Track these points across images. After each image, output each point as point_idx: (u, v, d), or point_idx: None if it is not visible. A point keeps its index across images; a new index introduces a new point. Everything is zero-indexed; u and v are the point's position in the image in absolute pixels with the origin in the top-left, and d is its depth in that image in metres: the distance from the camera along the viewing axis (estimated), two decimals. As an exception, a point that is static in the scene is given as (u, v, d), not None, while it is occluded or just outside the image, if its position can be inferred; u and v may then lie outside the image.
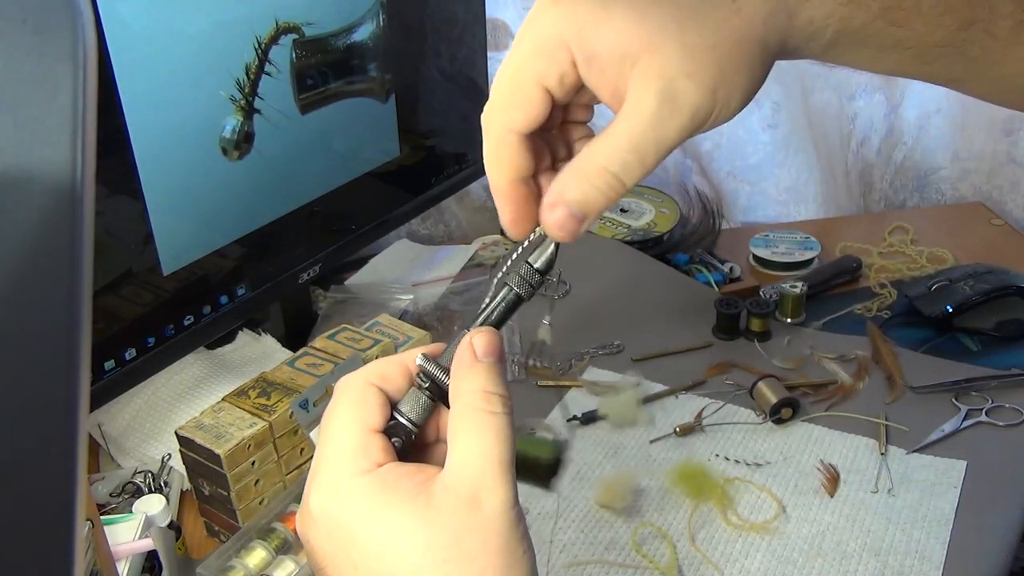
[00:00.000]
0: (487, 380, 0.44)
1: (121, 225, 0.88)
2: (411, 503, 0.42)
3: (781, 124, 1.38)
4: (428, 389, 0.46)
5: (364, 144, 1.13)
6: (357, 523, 0.42)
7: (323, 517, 0.43)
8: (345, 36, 1.03)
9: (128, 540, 0.83)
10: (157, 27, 0.85)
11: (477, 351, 0.45)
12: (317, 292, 1.25)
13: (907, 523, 0.87)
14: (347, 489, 0.43)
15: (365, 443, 0.44)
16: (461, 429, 0.43)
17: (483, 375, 0.44)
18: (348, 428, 0.44)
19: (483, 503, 0.42)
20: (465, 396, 0.44)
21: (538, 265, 0.48)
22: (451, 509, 0.42)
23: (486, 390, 0.44)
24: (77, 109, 0.30)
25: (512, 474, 0.43)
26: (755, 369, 1.08)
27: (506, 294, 0.47)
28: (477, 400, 0.44)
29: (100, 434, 1.02)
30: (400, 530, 0.42)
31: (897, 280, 1.26)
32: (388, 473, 0.43)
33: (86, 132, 0.30)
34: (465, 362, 0.45)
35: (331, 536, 0.43)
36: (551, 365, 1.10)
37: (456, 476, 0.42)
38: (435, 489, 0.42)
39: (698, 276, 1.27)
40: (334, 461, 0.44)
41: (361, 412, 0.45)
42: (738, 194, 1.43)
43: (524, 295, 0.48)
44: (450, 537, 0.41)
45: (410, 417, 0.45)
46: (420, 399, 0.46)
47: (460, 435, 0.43)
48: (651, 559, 0.85)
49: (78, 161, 0.30)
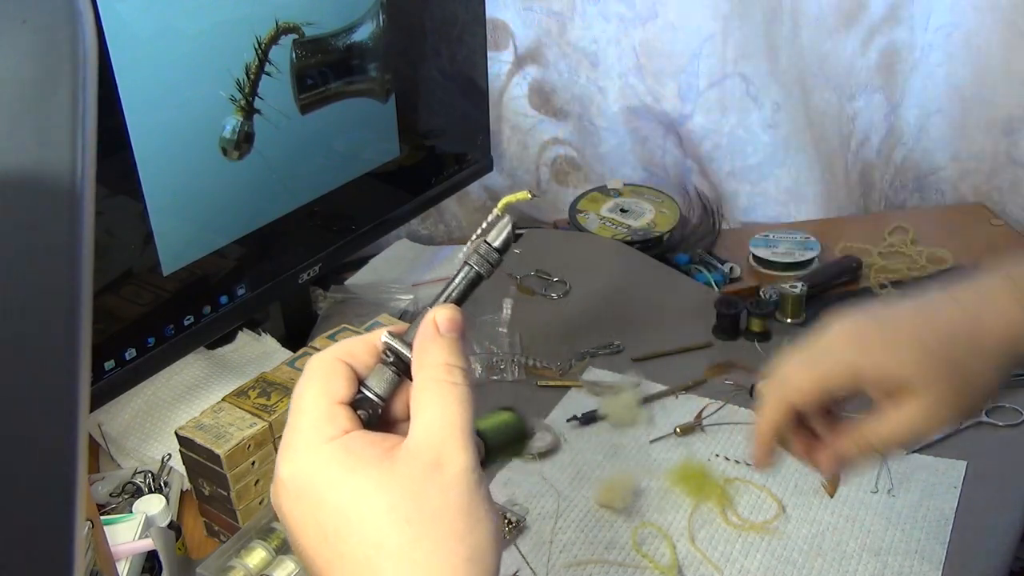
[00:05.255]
0: (449, 353, 0.46)
1: (121, 225, 0.88)
2: (375, 467, 0.44)
3: (781, 124, 1.38)
4: (393, 364, 0.48)
5: (364, 144, 1.13)
6: (324, 487, 0.44)
7: (292, 483, 0.45)
8: (345, 36, 1.03)
9: (128, 540, 0.83)
10: (157, 27, 0.85)
11: (440, 326, 0.47)
12: (317, 292, 1.25)
13: (907, 523, 0.87)
14: (314, 455, 0.45)
15: (332, 413, 0.46)
16: (424, 399, 0.45)
17: (445, 349, 0.46)
18: (316, 400, 0.46)
19: (445, 467, 0.44)
20: (428, 368, 0.46)
21: (496, 244, 0.50)
22: (414, 472, 0.43)
23: (448, 362, 0.46)
24: (77, 109, 0.30)
25: (473, 441, 0.45)
26: (755, 369, 1.08)
27: (467, 273, 0.50)
28: (440, 372, 0.46)
29: (100, 434, 1.02)
30: (365, 492, 0.43)
31: (897, 280, 1.26)
32: (353, 440, 0.45)
33: (86, 132, 0.30)
34: (428, 336, 0.47)
35: (300, 501, 0.44)
36: (551, 365, 1.10)
37: (419, 442, 0.44)
38: (399, 455, 0.44)
39: (698, 276, 1.27)
40: (302, 431, 0.45)
41: (329, 385, 0.46)
42: (738, 194, 1.43)
43: (484, 273, 0.50)
44: (413, 498, 0.43)
45: (376, 391, 0.47)
46: (386, 374, 0.48)
47: (423, 404, 0.45)
48: (651, 559, 0.85)
49: (78, 161, 0.30)
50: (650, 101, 1.39)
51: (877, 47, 1.43)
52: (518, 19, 1.40)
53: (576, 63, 1.40)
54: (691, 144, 1.42)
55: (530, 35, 1.41)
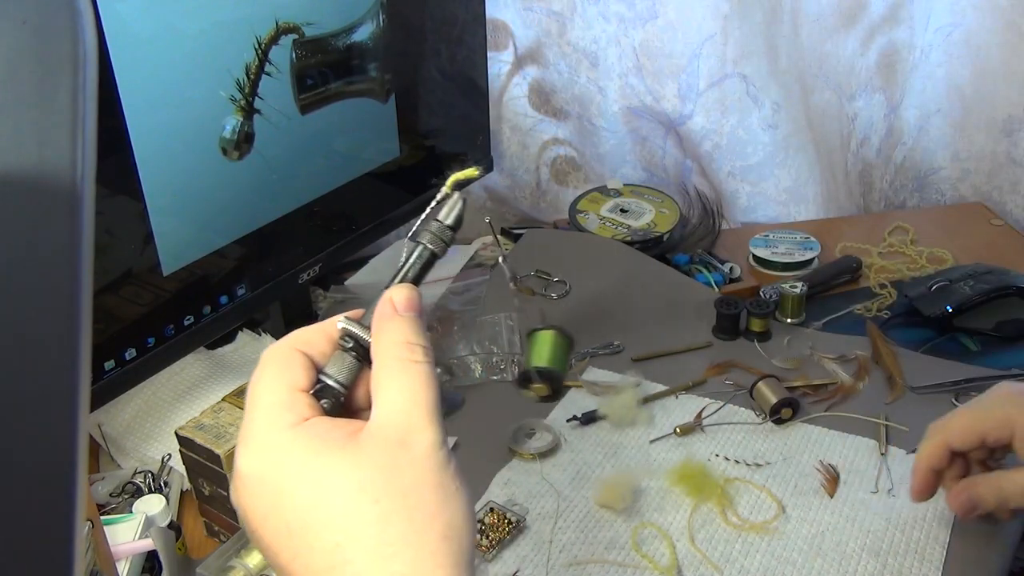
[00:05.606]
0: (409, 332, 0.45)
1: (121, 225, 0.88)
2: (340, 449, 0.42)
3: (781, 124, 1.38)
4: (353, 350, 0.46)
5: (364, 144, 1.13)
6: (286, 478, 0.42)
7: (252, 477, 0.43)
8: (345, 36, 1.03)
9: (128, 540, 0.83)
10: (157, 27, 0.85)
11: (397, 306, 0.46)
12: (317, 292, 1.26)
13: (907, 523, 0.87)
14: (275, 444, 0.43)
15: (291, 400, 0.44)
16: (385, 378, 0.44)
17: (404, 328, 0.45)
18: (274, 389, 0.44)
19: (412, 444, 0.42)
20: (388, 348, 0.45)
21: (448, 221, 0.49)
22: (380, 451, 0.42)
23: (408, 341, 0.45)
24: (77, 109, 0.30)
25: (439, 417, 0.43)
26: (755, 369, 1.08)
27: (420, 252, 0.49)
28: (400, 350, 0.44)
29: (100, 434, 1.02)
30: (330, 475, 0.42)
31: (897, 280, 1.26)
32: (315, 425, 0.43)
33: (86, 132, 0.30)
34: (386, 315, 0.46)
35: (262, 496, 0.42)
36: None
37: (383, 421, 0.43)
38: (363, 437, 0.42)
39: (698, 276, 1.27)
40: (260, 420, 0.44)
41: (286, 374, 0.45)
42: (738, 194, 1.43)
43: (438, 252, 0.49)
44: (382, 475, 0.41)
45: (337, 378, 0.46)
46: (345, 360, 0.46)
47: (385, 384, 0.44)
48: (651, 559, 0.85)
49: (78, 161, 0.30)
50: (650, 101, 1.39)
51: (877, 47, 1.43)
52: (518, 19, 1.40)
53: (576, 63, 1.40)
54: (691, 144, 1.42)
55: (530, 35, 1.41)
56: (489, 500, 0.91)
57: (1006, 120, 1.44)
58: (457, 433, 0.99)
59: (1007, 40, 1.38)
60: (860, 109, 1.49)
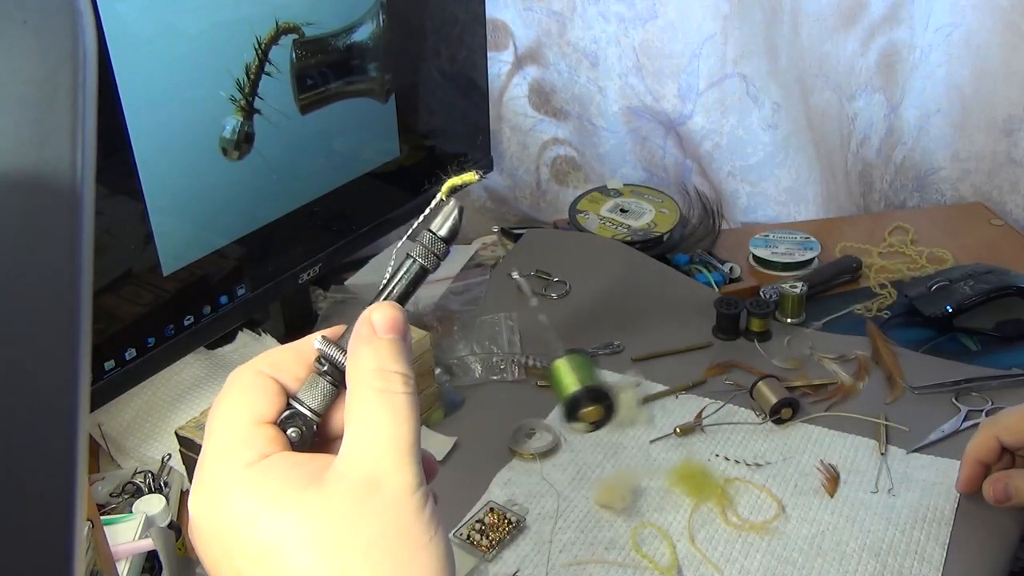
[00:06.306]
0: (386, 358, 0.40)
1: (121, 225, 0.88)
2: (299, 493, 0.38)
3: (781, 124, 1.38)
4: (328, 374, 0.41)
5: (364, 144, 1.13)
6: (238, 524, 0.38)
7: (203, 521, 0.39)
8: (345, 36, 1.03)
9: (128, 540, 0.83)
10: (157, 27, 0.85)
11: (377, 327, 0.41)
12: (317, 292, 1.25)
13: (907, 523, 0.87)
14: (226, 487, 0.39)
15: (250, 435, 0.40)
16: (357, 410, 0.40)
17: (382, 352, 0.40)
18: (232, 421, 0.40)
19: (381, 488, 0.38)
20: (362, 375, 0.40)
21: (442, 233, 0.44)
22: (343, 495, 0.37)
23: (384, 368, 0.40)
24: (77, 109, 0.30)
25: (415, 457, 0.39)
26: (755, 369, 1.08)
27: (409, 266, 0.43)
28: (374, 379, 0.40)
29: (100, 434, 1.02)
30: (285, 525, 0.37)
31: (897, 280, 1.26)
32: (274, 464, 0.39)
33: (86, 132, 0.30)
34: (362, 339, 0.41)
35: (212, 543, 0.39)
36: (551, 365, 1.09)
37: (350, 460, 0.38)
38: (327, 478, 0.38)
39: (698, 276, 1.27)
40: (214, 458, 0.40)
41: (248, 403, 0.41)
42: (738, 194, 1.43)
43: (429, 267, 0.44)
44: (342, 526, 0.37)
45: (310, 406, 0.41)
46: (320, 385, 0.42)
47: (356, 417, 0.39)
48: (651, 559, 0.85)
49: (78, 161, 0.30)
50: (650, 101, 1.39)
51: (877, 47, 1.43)
52: (518, 19, 1.40)
53: (576, 63, 1.40)
54: (691, 144, 1.42)
55: (530, 35, 1.41)
56: (489, 500, 0.91)
57: (1006, 120, 1.44)
58: (457, 433, 0.99)
59: (1007, 40, 1.38)
60: (860, 109, 1.49)
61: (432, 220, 0.44)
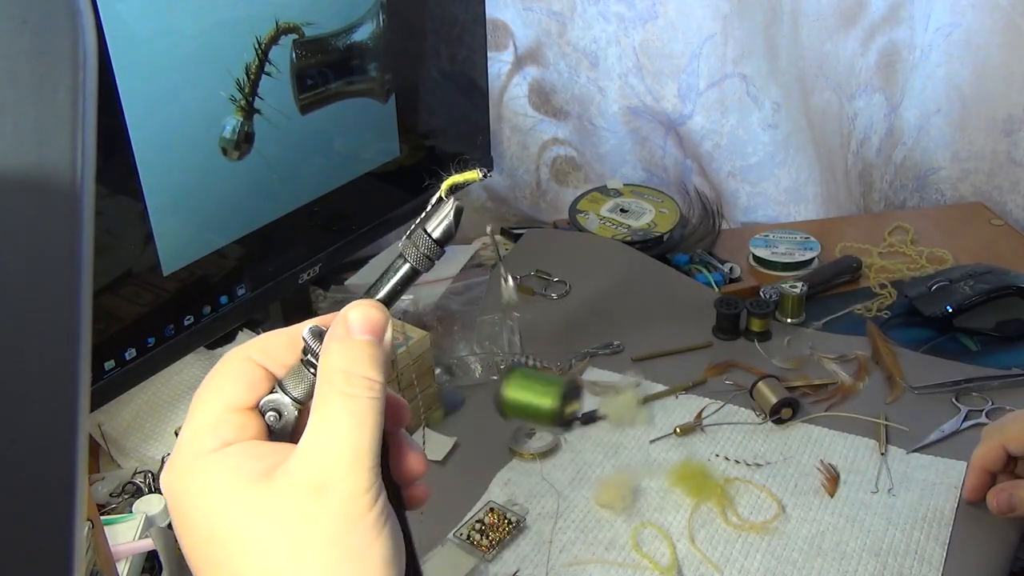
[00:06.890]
0: (355, 360, 0.39)
1: (121, 225, 0.88)
2: (246, 487, 0.38)
3: (781, 124, 1.38)
4: (312, 364, 0.41)
5: (364, 144, 1.13)
6: (188, 506, 0.39)
7: (168, 494, 0.41)
8: (345, 36, 1.03)
9: (128, 540, 0.83)
10: (157, 27, 0.85)
11: (352, 326, 0.40)
12: (317, 292, 1.25)
13: (907, 523, 0.87)
14: (187, 469, 0.40)
15: (218, 421, 0.40)
16: (318, 409, 0.39)
17: (352, 354, 0.40)
18: (207, 405, 0.41)
19: (328, 491, 0.37)
20: (328, 375, 0.39)
21: (436, 235, 0.43)
22: (288, 496, 0.38)
23: (350, 371, 0.39)
24: (77, 109, 0.30)
25: (372, 462, 0.38)
26: (755, 369, 1.08)
27: (399, 266, 0.43)
28: (339, 380, 0.39)
29: (100, 434, 1.02)
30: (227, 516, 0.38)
31: (897, 280, 1.26)
32: (231, 454, 0.39)
33: (86, 132, 0.30)
34: (335, 337, 0.40)
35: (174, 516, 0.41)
36: (551, 365, 1.10)
37: (301, 462, 0.38)
38: (277, 475, 0.38)
39: (698, 276, 1.27)
40: (184, 439, 0.41)
41: (227, 388, 0.41)
42: (738, 194, 1.43)
43: (420, 268, 0.43)
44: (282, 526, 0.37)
45: (293, 394, 0.41)
46: (304, 374, 0.41)
47: (316, 416, 0.39)
48: (651, 559, 0.85)
49: (78, 161, 0.30)
50: (650, 101, 1.39)
51: (877, 47, 1.43)
52: (518, 19, 1.40)
53: (576, 63, 1.40)
54: (691, 144, 1.42)
55: (530, 35, 1.41)
56: (489, 500, 0.91)
57: (1006, 120, 1.44)
58: (457, 433, 0.99)
59: (1007, 40, 1.38)
60: (860, 109, 1.48)
61: (428, 220, 0.44)
